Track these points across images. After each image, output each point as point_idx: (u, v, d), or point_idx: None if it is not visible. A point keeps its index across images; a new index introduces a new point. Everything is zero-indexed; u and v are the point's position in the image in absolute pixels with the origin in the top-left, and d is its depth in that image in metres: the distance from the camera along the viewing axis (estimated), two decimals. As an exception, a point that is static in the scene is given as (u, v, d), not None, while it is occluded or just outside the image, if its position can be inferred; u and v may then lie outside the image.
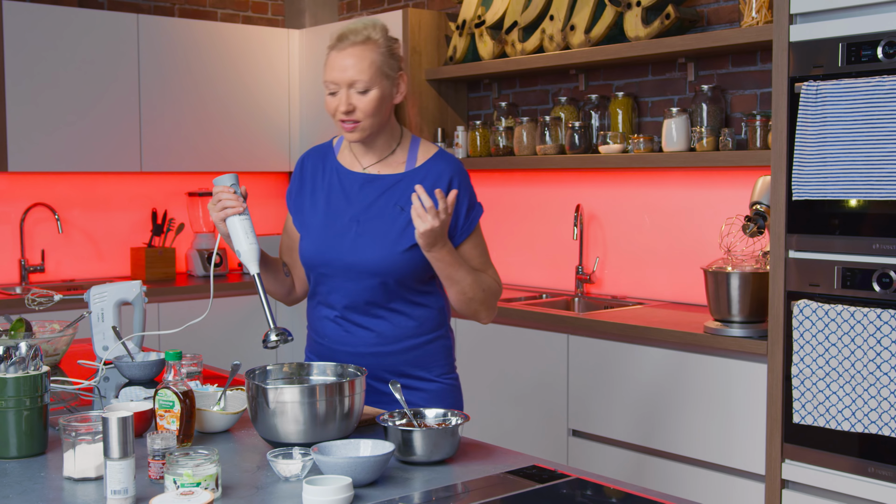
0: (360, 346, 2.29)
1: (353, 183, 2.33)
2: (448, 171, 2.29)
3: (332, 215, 2.31)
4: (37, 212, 4.83)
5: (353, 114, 2.23)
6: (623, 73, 4.18)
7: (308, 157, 2.45)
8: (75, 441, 1.72)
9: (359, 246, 2.25)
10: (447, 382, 2.37)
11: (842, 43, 2.82)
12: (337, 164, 2.37)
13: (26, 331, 2.73)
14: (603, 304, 4.15)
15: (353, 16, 5.54)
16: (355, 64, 2.21)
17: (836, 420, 2.83)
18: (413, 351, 2.31)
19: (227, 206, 2.17)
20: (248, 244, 2.17)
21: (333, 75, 2.23)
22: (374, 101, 2.23)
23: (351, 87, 2.22)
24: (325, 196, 2.34)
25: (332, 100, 2.26)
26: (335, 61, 2.23)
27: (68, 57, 4.56)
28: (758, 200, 3.24)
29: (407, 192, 2.27)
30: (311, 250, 2.31)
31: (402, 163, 2.32)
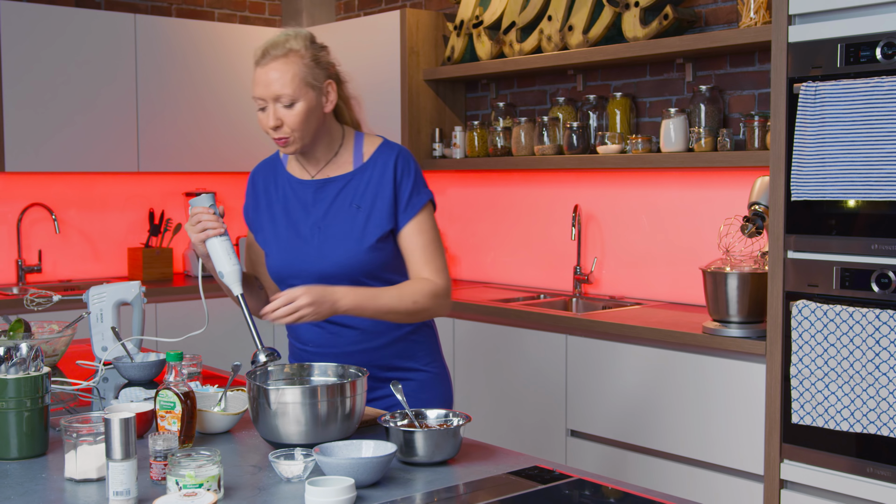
0: (345, 346, 2.30)
1: (306, 191, 2.33)
2: (391, 159, 2.29)
3: (292, 227, 2.32)
4: (34, 212, 4.82)
5: (281, 129, 2.22)
6: (621, 73, 4.18)
7: (258, 171, 2.45)
8: (77, 442, 1.72)
9: (325, 251, 2.26)
10: (435, 371, 2.40)
11: (840, 44, 2.83)
12: (288, 175, 2.37)
13: (25, 331, 2.73)
14: (601, 305, 4.15)
15: (350, 16, 5.54)
16: (279, 78, 2.19)
17: (834, 420, 2.84)
18: (398, 343, 2.33)
19: (208, 227, 2.17)
20: (231, 265, 2.18)
21: (258, 91, 2.21)
22: (301, 114, 2.21)
23: (277, 101, 2.20)
24: (283, 208, 2.35)
25: (262, 116, 2.24)
26: (259, 77, 2.22)
27: (65, 57, 4.55)
28: (756, 201, 3.24)
29: (359, 188, 2.28)
30: (279, 264, 2.32)
31: (349, 162, 2.33)
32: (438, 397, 2.39)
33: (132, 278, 4.93)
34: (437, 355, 2.43)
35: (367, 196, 2.27)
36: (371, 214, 2.26)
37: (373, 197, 2.27)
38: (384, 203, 2.26)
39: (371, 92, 4.85)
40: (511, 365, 3.90)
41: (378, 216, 2.26)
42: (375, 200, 2.26)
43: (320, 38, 2.26)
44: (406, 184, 2.28)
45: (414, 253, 2.28)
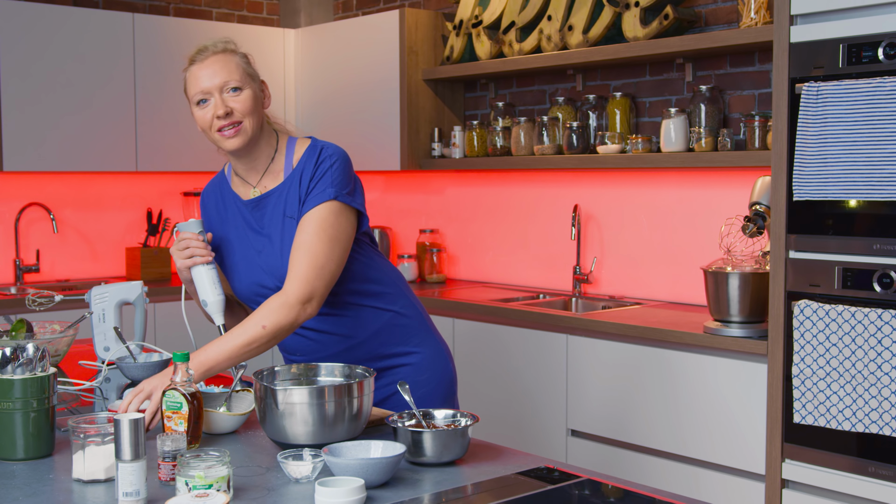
0: (332, 348, 2.30)
1: (248, 210, 2.29)
2: (311, 160, 2.21)
3: (244, 245, 2.29)
4: (32, 211, 4.81)
5: (231, 115, 2.18)
6: (621, 73, 4.19)
7: (207, 194, 2.43)
8: (84, 443, 1.72)
9: (271, 266, 2.23)
10: (429, 350, 2.38)
11: (842, 44, 2.83)
12: (234, 195, 2.33)
13: (27, 332, 2.72)
14: (601, 305, 4.16)
15: (348, 15, 5.53)
16: (223, 67, 2.19)
17: (836, 420, 2.84)
18: (384, 331, 2.32)
19: (196, 254, 2.17)
20: (216, 295, 2.19)
21: (202, 84, 2.19)
22: (250, 98, 2.20)
23: (222, 90, 2.18)
24: (233, 228, 2.32)
25: (205, 111, 2.20)
26: (200, 72, 2.20)
27: (63, 56, 4.54)
28: (757, 201, 3.25)
29: (291, 195, 2.21)
30: (237, 284, 2.31)
31: (281, 171, 2.27)
32: (437, 376, 2.38)
33: (130, 278, 4.93)
34: (428, 334, 2.40)
35: (296, 201, 2.22)
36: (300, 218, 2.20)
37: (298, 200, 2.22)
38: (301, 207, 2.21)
39: (370, 92, 4.85)
40: (511, 365, 3.90)
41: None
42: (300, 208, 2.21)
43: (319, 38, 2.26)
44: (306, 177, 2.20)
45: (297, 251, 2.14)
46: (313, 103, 5.18)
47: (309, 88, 5.21)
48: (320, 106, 5.13)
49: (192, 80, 2.22)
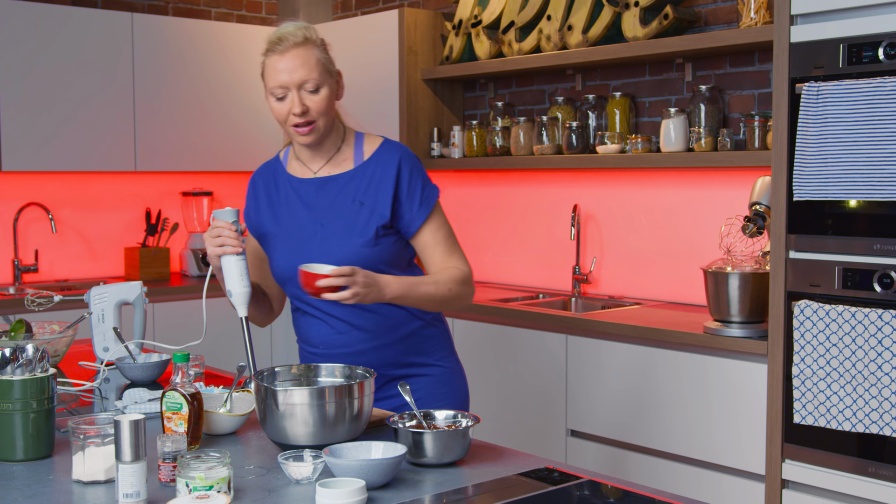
0: (356, 345, 2.28)
1: (307, 189, 2.31)
2: (395, 158, 2.28)
3: (294, 225, 2.30)
4: (30, 211, 4.80)
5: (307, 114, 2.20)
6: (620, 73, 4.18)
7: (258, 175, 2.44)
8: (84, 444, 1.71)
9: (328, 248, 2.24)
10: (449, 366, 2.38)
11: (843, 44, 2.83)
12: (288, 176, 2.36)
13: (26, 332, 2.71)
14: (600, 305, 4.15)
15: (347, 15, 5.53)
16: (303, 64, 2.19)
17: (836, 420, 2.84)
18: (410, 338, 2.31)
19: (227, 243, 2.16)
20: (242, 287, 2.17)
21: (281, 78, 2.19)
22: (325, 99, 2.22)
23: (301, 87, 2.20)
24: (285, 209, 2.33)
25: (282, 105, 2.22)
26: (279, 64, 2.19)
27: (62, 56, 4.54)
28: (757, 201, 3.25)
29: (361, 185, 2.26)
30: (282, 263, 2.30)
31: (349, 160, 2.31)
32: (454, 392, 2.37)
33: (129, 278, 4.92)
34: (450, 350, 2.41)
35: (370, 192, 2.25)
36: (374, 210, 2.24)
37: (375, 193, 2.25)
38: (386, 199, 2.24)
39: (369, 91, 4.85)
40: (511, 365, 3.90)
41: (380, 212, 2.24)
42: (378, 196, 2.25)
43: None
44: (416, 182, 2.28)
45: (436, 247, 2.29)
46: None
47: (308, 88, 5.20)
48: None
49: (270, 72, 2.21)
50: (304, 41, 2.20)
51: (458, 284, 2.26)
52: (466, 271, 2.29)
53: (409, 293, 2.18)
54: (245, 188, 5.60)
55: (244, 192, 5.48)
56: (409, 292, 2.18)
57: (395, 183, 2.26)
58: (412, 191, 2.27)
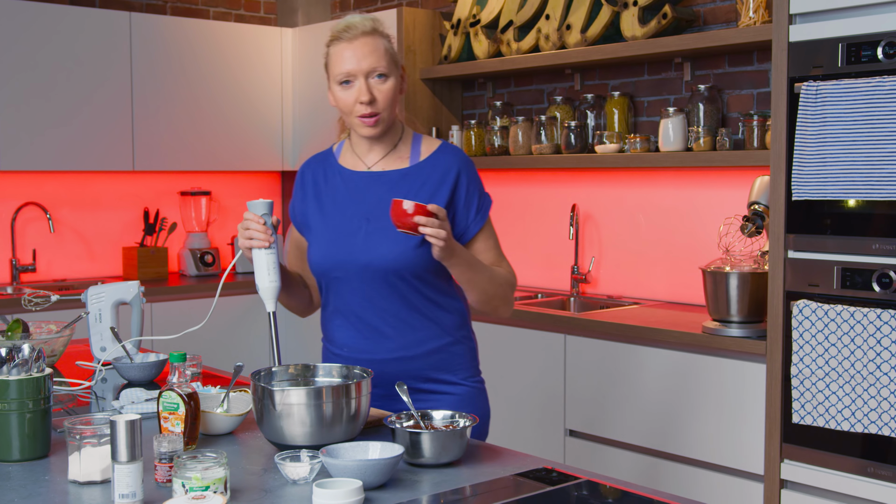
0: (381, 353, 2.21)
1: (357, 182, 2.25)
2: (455, 163, 2.24)
3: (339, 217, 2.24)
4: (28, 211, 4.79)
5: (374, 104, 2.16)
6: (619, 72, 4.18)
7: (308, 166, 2.37)
8: (80, 444, 1.71)
9: (371, 243, 2.17)
10: (473, 385, 2.31)
11: (841, 43, 2.82)
12: (339, 167, 2.30)
13: (23, 331, 2.71)
14: (599, 304, 4.15)
15: (345, 14, 5.51)
16: (372, 52, 2.15)
17: (835, 420, 2.83)
18: (437, 354, 2.23)
19: (255, 237, 2.11)
20: (269, 282, 2.12)
21: (348, 65, 2.15)
22: (392, 90, 2.18)
23: (368, 75, 2.15)
24: (331, 199, 2.27)
25: (348, 93, 2.17)
26: (347, 51, 2.15)
27: (60, 55, 4.53)
28: (756, 200, 3.24)
29: (414, 185, 2.21)
30: (320, 255, 2.24)
31: (405, 157, 2.26)
32: (476, 413, 2.28)
33: (127, 278, 4.91)
34: (475, 369, 2.34)
35: (423, 194, 2.19)
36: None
37: (428, 196, 2.19)
38: (439, 203, 2.18)
39: (367, 91, 4.84)
40: (509, 365, 3.89)
41: None
42: (430, 199, 2.18)
43: (316, 37, 2.24)
44: (474, 190, 2.25)
45: (487, 254, 2.26)
46: (310, 102, 5.17)
47: (306, 87, 5.20)
48: (317, 105, 5.12)
49: (336, 58, 2.17)
50: (372, 31, 2.17)
51: (509, 287, 2.27)
52: (513, 279, 2.29)
53: (474, 268, 2.16)
54: (243, 188, 5.61)
55: (242, 192, 5.52)
56: (472, 265, 2.16)
57: (452, 189, 2.21)
58: (470, 198, 2.23)
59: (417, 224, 1.99)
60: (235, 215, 5.47)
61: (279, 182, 5.66)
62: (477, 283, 2.18)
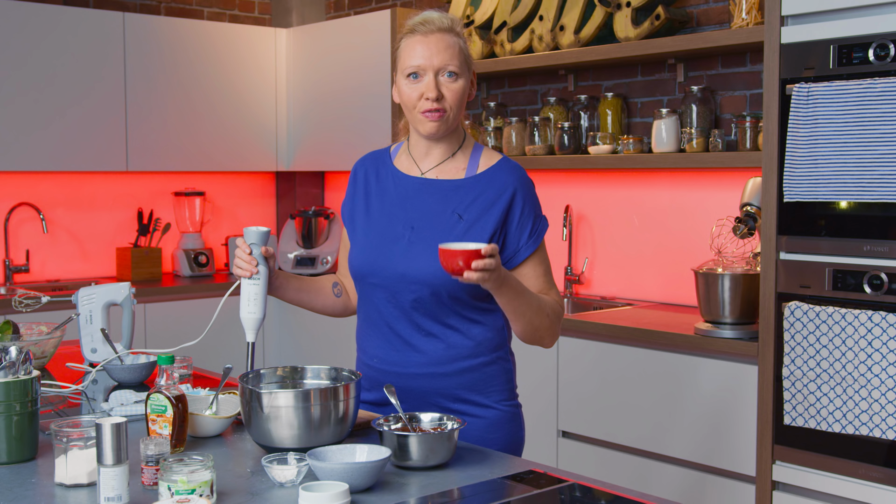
0: (410, 367, 2.12)
1: (408, 187, 2.17)
2: (511, 182, 2.13)
3: (384, 221, 2.16)
4: (21, 211, 4.78)
5: (441, 101, 2.07)
6: (612, 73, 4.18)
7: (362, 163, 2.29)
8: (67, 447, 1.70)
9: (412, 253, 2.09)
10: (507, 409, 2.20)
11: (833, 45, 2.82)
12: (393, 169, 2.22)
13: (13, 333, 2.70)
14: (592, 305, 4.15)
15: (340, 15, 5.51)
16: (446, 48, 2.08)
17: (826, 422, 2.83)
18: (469, 373, 2.13)
19: (239, 266, 2.09)
20: (248, 312, 2.11)
21: (420, 59, 2.07)
22: (462, 90, 2.10)
23: (439, 72, 2.08)
24: (379, 201, 2.20)
25: (415, 87, 2.08)
26: (420, 45, 2.08)
27: (54, 55, 4.52)
28: (748, 202, 3.24)
29: (466, 198, 2.11)
30: (360, 258, 2.17)
31: (462, 168, 2.16)
32: (505, 438, 2.19)
33: (121, 278, 4.91)
34: (511, 392, 2.23)
35: (474, 208, 2.10)
36: (472, 228, 2.09)
37: (479, 211, 2.10)
38: (490, 221, 2.09)
39: (361, 92, 4.84)
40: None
41: (479, 232, 2.08)
42: (482, 216, 2.10)
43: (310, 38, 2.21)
44: (529, 212, 2.13)
45: (538, 279, 2.15)
46: (305, 103, 5.16)
47: (300, 88, 5.19)
48: (312, 105, 5.12)
49: (409, 50, 2.10)
50: (449, 28, 2.10)
51: (556, 317, 2.13)
52: (561, 309, 2.16)
53: (522, 298, 2.03)
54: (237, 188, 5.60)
55: (236, 193, 5.51)
56: (520, 294, 2.02)
57: (506, 208, 2.11)
58: (524, 220, 2.12)
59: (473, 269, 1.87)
60: (230, 216, 5.46)
61: (273, 183, 5.65)
62: (523, 314, 2.05)
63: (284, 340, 5.05)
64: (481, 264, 1.86)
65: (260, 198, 5.54)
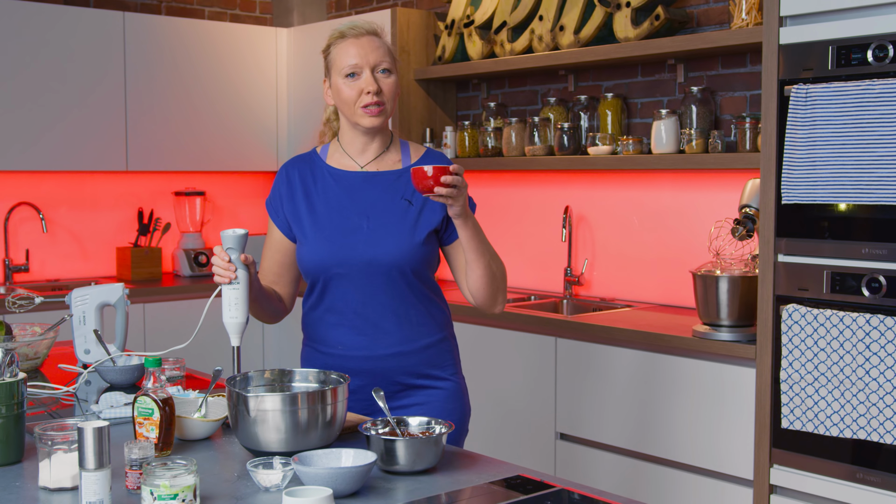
0: (379, 349, 2.27)
1: (352, 181, 2.31)
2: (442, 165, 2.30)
3: (335, 216, 2.28)
4: (21, 211, 4.78)
5: (380, 94, 2.24)
6: (612, 73, 4.16)
7: (292, 165, 2.40)
8: (51, 450, 1.69)
9: (375, 240, 2.24)
10: (458, 381, 2.38)
11: (832, 46, 2.80)
12: (329, 168, 2.35)
13: (6, 334, 2.70)
14: (592, 307, 4.13)
15: (341, 15, 5.50)
16: (377, 48, 2.27)
17: (824, 426, 2.81)
18: (431, 349, 2.31)
19: (217, 272, 2.11)
20: (229, 317, 2.11)
21: (355, 59, 2.24)
22: (395, 84, 2.28)
23: (375, 69, 2.25)
24: (323, 199, 2.31)
25: (354, 84, 2.25)
26: (353, 46, 2.26)
27: (54, 55, 4.52)
28: (747, 203, 3.22)
29: (410, 187, 2.28)
30: (320, 253, 2.27)
31: (397, 160, 2.34)
32: (461, 409, 2.36)
33: (121, 278, 4.90)
34: (458, 365, 2.41)
35: (418, 195, 2.27)
36: (422, 211, 2.27)
37: (423, 198, 2.27)
38: (436, 205, 2.27)
39: (362, 91, 4.82)
40: (499, 367, 3.87)
41: (429, 214, 2.27)
42: (426, 200, 2.27)
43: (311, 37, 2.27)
44: None
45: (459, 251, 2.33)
46: (305, 102, 5.15)
47: (301, 87, 5.18)
48: (312, 104, 5.10)
49: (342, 53, 2.27)
50: (375, 31, 2.30)
51: (503, 276, 2.31)
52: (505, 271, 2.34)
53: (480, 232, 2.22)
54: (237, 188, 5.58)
55: (236, 193, 5.50)
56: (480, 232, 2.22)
57: None
58: None
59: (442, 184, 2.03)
60: (230, 216, 5.45)
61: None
62: (483, 253, 2.22)
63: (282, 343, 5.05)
64: (449, 179, 2.03)
65: (260, 197, 5.52)
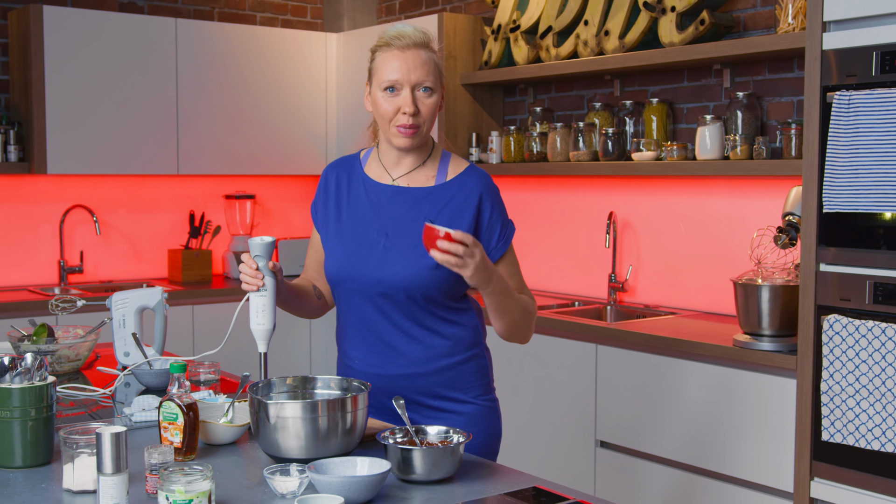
0: (391, 368, 2.20)
1: (380, 195, 2.22)
2: (478, 188, 2.20)
3: (358, 229, 2.21)
4: (76, 213, 4.89)
5: (417, 116, 2.13)
6: (658, 79, 4.12)
7: (333, 168, 2.33)
8: (75, 453, 1.73)
9: (387, 260, 2.16)
10: (484, 404, 2.25)
11: (876, 51, 2.74)
12: (364, 176, 2.27)
13: (49, 336, 2.76)
14: (636, 314, 4.09)
15: (391, 19, 5.53)
16: (423, 64, 2.13)
17: (865, 439, 2.75)
18: (447, 371, 2.20)
19: (245, 280, 2.09)
20: (257, 324, 2.11)
21: (398, 74, 2.12)
22: (435, 105, 2.16)
23: (416, 87, 2.13)
24: (352, 208, 2.24)
25: (391, 101, 2.14)
26: (397, 59, 2.13)
27: (108, 61, 4.61)
28: (790, 211, 3.17)
29: (437, 205, 2.18)
30: (337, 265, 2.22)
31: (431, 176, 2.23)
32: (484, 432, 2.24)
33: (172, 280, 4.99)
34: (487, 387, 2.28)
35: (444, 215, 2.17)
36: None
37: (450, 217, 2.17)
38: (461, 226, 2.16)
39: (408, 96, 4.84)
40: (540, 374, 3.86)
41: None
42: (452, 221, 2.16)
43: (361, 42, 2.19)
44: (497, 217, 2.21)
45: (511, 279, 2.23)
46: (354, 106, 5.19)
47: (350, 91, 5.22)
48: (361, 109, 5.14)
49: (385, 65, 2.14)
50: (424, 43, 2.15)
51: (531, 316, 2.23)
52: (535, 307, 2.25)
53: (506, 294, 2.13)
54: (287, 192, 5.63)
55: (285, 196, 5.56)
56: (507, 293, 2.13)
57: (475, 214, 2.18)
58: (492, 225, 2.20)
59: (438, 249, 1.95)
60: (279, 219, 5.51)
61: (324, 186, 5.69)
62: (508, 312, 2.15)
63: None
64: (445, 246, 1.94)
65: (309, 201, 5.57)
